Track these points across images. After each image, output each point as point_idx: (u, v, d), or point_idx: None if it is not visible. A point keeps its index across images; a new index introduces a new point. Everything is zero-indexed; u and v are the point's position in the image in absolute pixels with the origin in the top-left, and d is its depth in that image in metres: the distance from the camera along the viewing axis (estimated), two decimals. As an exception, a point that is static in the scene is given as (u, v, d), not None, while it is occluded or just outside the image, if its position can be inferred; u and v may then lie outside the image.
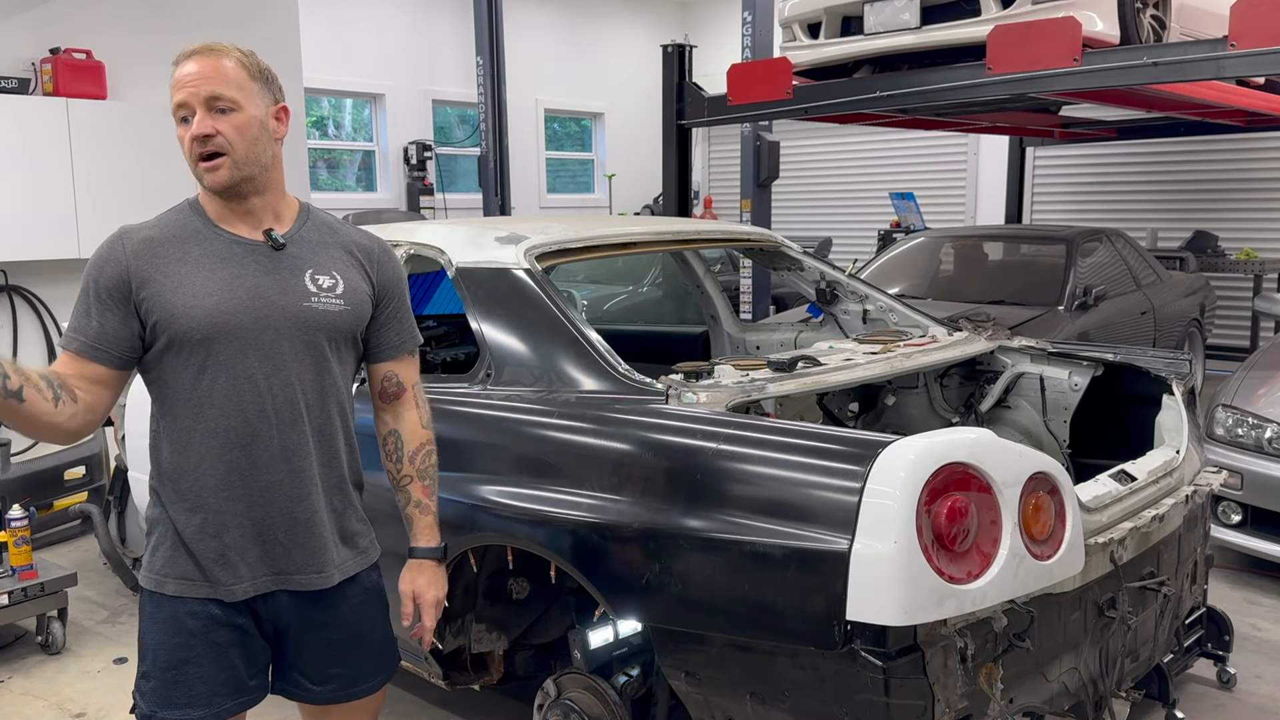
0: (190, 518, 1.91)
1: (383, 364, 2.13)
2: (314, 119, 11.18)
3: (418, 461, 2.16)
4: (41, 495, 4.96)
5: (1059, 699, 2.45)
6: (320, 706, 2.10)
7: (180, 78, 1.87)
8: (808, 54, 6.01)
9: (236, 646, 1.95)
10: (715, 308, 4.49)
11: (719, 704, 2.31)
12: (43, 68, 6.17)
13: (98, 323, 1.86)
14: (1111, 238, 7.21)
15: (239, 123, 1.87)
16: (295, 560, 1.96)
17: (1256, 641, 3.98)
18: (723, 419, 2.43)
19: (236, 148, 1.87)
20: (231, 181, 1.89)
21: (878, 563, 2.00)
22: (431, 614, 2.15)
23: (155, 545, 1.96)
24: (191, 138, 1.86)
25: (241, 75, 1.89)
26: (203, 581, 1.92)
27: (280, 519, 1.93)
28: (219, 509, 1.90)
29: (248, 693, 1.99)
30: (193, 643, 1.92)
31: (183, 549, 1.92)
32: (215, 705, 1.94)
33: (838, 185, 12.91)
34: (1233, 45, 4.44)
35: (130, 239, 1.89)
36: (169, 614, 1.93)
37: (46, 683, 3.87)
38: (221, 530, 1.91)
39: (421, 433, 2.17)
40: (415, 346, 2.18)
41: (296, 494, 1.94)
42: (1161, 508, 2.74)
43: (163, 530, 1.94)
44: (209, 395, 1.88)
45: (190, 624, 1.92)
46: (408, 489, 2.15)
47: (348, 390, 2.05)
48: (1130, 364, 3.46)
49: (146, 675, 1.95)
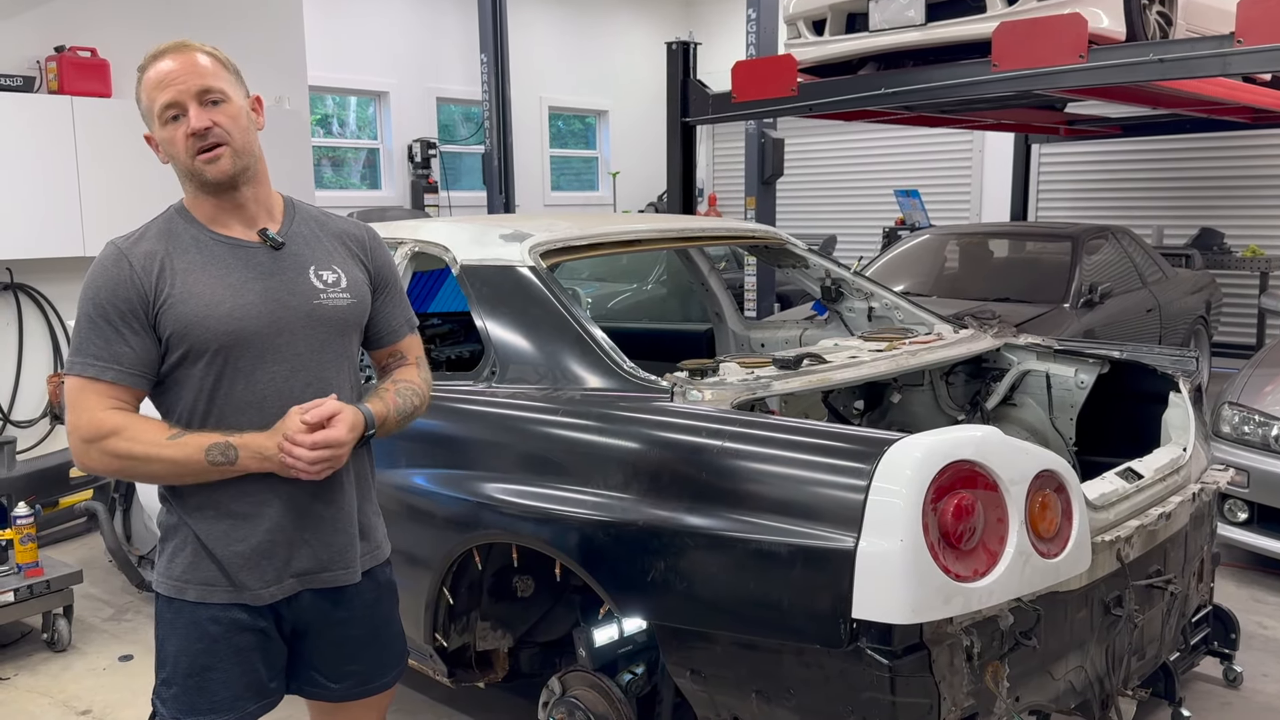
0: (214, 524, 1.90)
1: (384, 349, 2.15)
2: (318, 117, 11.18)
3: (397, 379, 2.09)
4: (47, 493, 4.98)
5: (1065, 697, 2.45)
6: (333, 704, 2.10)
7: (161, 77, 1.85)
8: (812, 51, 5.99)
9: (258, 650, 1.95)
10: (720, 305, 4.49)
11: (724, 702, 2.30)
12: (47, 66, 6.17)
13: (131, 348, 1.82)
14: (1117, 235, 7.19)
15: (232, 112, 1.88)
16: (322, 558, 1.96)
17: (1263, 640, 3.97)
18: (728, 417, 2.43)
19: (234, 136, 1.87)
20: (234, 170, 1.88)
21: (884, 561, 1.99)
22: (321, 419, 1.84)
23: (174, 552, 1.94)
24: (191, 133, 1.84)
25: (219, 68, 1.90)
26: (227, 586, 1.91)
27: (309, 519, 1.94)
28: (247, 514, 1.90)
29: (269, 695, 2.00)
30: (216, 648, 1.92)
31: (205, 555, 1.91)
32: (239, 709, 1.95)
33: (842, 182, 12.88)
34: (1239, 42, 4.42)
35: (133, 256, 1.85)
36: (189, 620, 1.92)
37: (52, 680, 3.88)
38: (250, 534, 1.90)
39: (416, 376, 2.12)
40: (414, 329, 2.18)
41: (324, 492, 1.94)
42: (1168, 506, 2.74)
43: (183, 537, 1.92)
44: (228, 401, 1.88)
45: (213, 629, 1.91)
46: (378, 387, 2.07)
47: (358, 381, 2.07)
48: (1136, 361, 3.45)
49: (167, 682, 1.95)
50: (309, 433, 1.81)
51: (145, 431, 1.81)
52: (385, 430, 2.00)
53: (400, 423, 2.04)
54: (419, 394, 2.09)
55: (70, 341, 1.87)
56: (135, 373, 1.84)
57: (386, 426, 2.00)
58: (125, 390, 1.83)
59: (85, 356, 1.82)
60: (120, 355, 1.82)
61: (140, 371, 1.84)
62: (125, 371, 1.82)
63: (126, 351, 1.82)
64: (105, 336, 1.82)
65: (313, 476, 1.85)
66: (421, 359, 2.19)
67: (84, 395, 1.81)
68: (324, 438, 1.82)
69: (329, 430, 1.83)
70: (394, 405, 2.01)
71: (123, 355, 1.82)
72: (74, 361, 1.84)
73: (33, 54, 6.17)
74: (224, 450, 1.81)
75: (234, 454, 1.81)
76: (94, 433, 1.80)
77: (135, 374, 1.84)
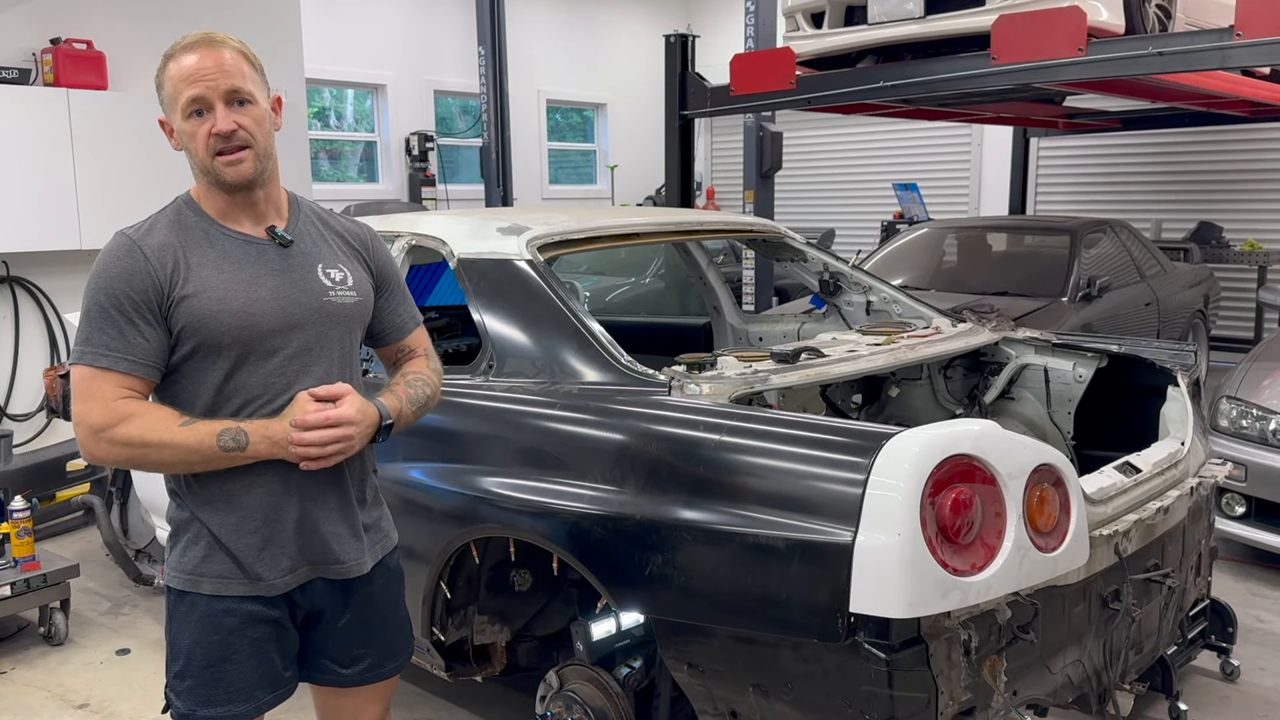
0: (226, 516, 1.91)
1: (392, 345, 2.17)
2: (315, 110, 11.15)
3: (406, 372, 2.12)
4: (44, 486, 4.97)
5: (1063, 691, 2.45)
6: (341, 690, 2.12)
7: (189, 71, 1.84)
8: (811, 44, 5.98)
9: (273, 640, 1.97)
10: (718, 299, 4.48)
11: (722, 696, 2.30)
12: (43, 58, 6.15)
13: (144, 339, 1.82)
14: (1116, 229, 7.18)
15: (257, 115, 1.88)
16: (333, 550, 1.98)
17: (1260, 634, 3.98)
18: (725, 410, 2.42)
19: (258, 140, 1.88)
20: (255, 174, 1.88)
21: (881, 555, 1.99)
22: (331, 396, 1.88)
23: (186, 546, 1.94)
24: (215, 133, 1.83)
25: (248, 68, 1.89)
26: (241, 579, 1.92)
27: (318, 511, 1.95)
28: (258, 505, 1.91)
29: (283, 684, 2.01)
30: (231, 640, 1.93)
31: (219, 548, 1.91)
32: (255, 700, 1.96)
33: (841, 176, 12.87)
34: (1239, 35, 4.41)
35: (147, 246, 1.85)
36: (204, 613, 1.93)
37: (49, 674, 3.88)
38: (262, 525, 1.91)
39: (425, 367, 2.15)
40: (419, 324, 2.21)
41: (332, 485, 1.96)
42: (1166, 500, 2.73)
43: (196, 531, 1.93)
44: (236, 395, 1.88)
45: (228, 622, 1.92)
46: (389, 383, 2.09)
47: (361, 379, 2.08)
48: (1135, 355, 3.45)
49: (181, 675, 1.95)
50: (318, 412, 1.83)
51: (157, 418, 1.81)
52: (403, 422, 2.02)
53: (416, 413, 2.06)
54: (429, 384, 2.11)
55: (78, 331, 1.86)
56: (148, 363, 1.84)
57: (403, 419, 2.01)
58: (137, 380, 1.83)
59: (97, 346, 1.81)
60: (133, 346, 1.82)
61: (152, 362, 1.84)
62: (138, 362, 1.82)
63: (140, 342, 1.82)
64: (118, 326, 1.81)
65: (324, 462, 1.86)
66: (430, 350, 2.21)
67: (95, 384, 1.81)
68: (335, 415, 1.84)
69: (338, 408, 1.85)
70: (406, 397, 2.03)
71: (136, 346, 1.82)
72: (84, 351, 1.82)
73: (29, 46, 6.15)
74: (235, 435, 1.82)
75: (245, 439, 1.82)
76: (106, 421, 1.79)
77: (148, 365, 1.84)
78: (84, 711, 3.59)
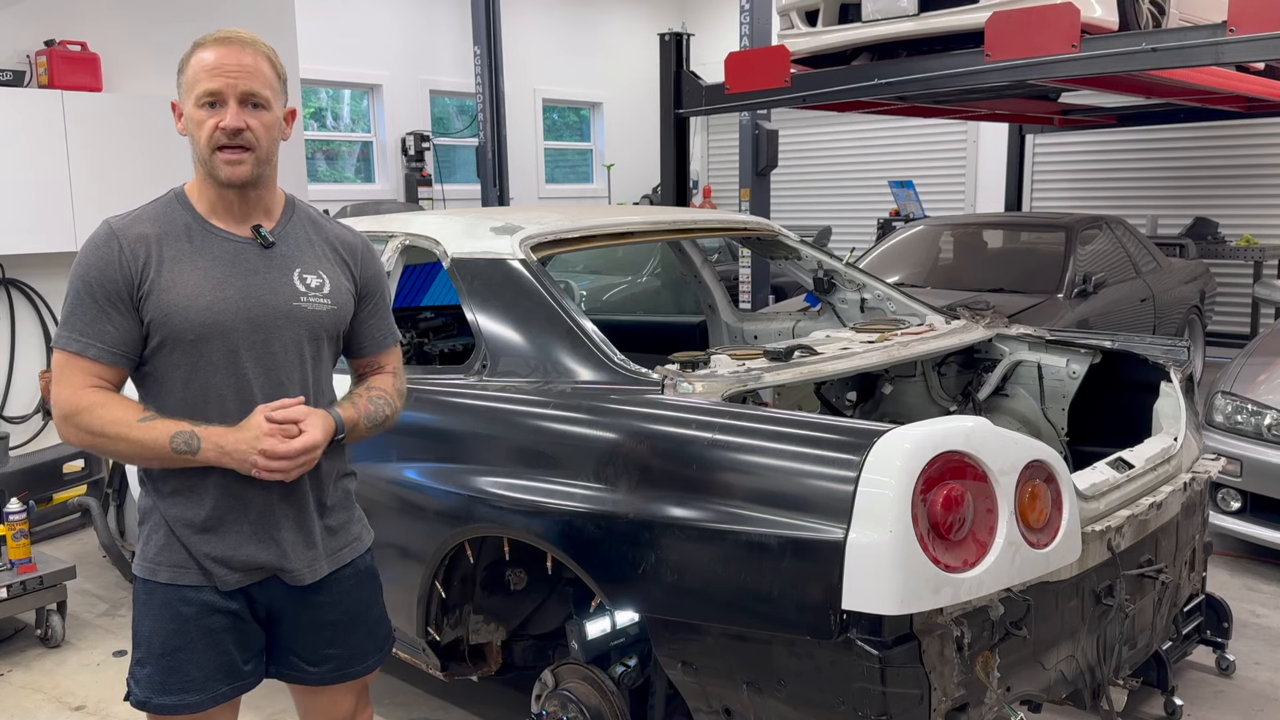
0: (183, 510, 1.93)
1: (364, 359, 2.16)
2: (311, 110, 11.14)
3: (371, 387, 2.11)
4: (40, 488, 4.96)
5: (1056, 687, 2.45)
6: (314, 687, 2.12)
7: (213, 64, 1.86)
8: (806, 42, 5.98)
9: (230, 632, 1.97)
10: (713, 297, 4.49)
11: (716, 693, 2.31)
12: (38, 60, 6.15)
13: (114, 328, 1.85)
14: (1111, 225, 7.19)
15: (268, 121, 1.90)
16: (287, 556, 1.97)
17: (1255, 628, 3.98)
18: (718, 409, 2.43)
19: (262, 145, 1.90)
20: (251, 177, 1.90)
21: (873, 552, 1.99)
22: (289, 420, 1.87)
23: (148, 534, 1.97)
24: (221, 127, 1.85)
25: (272, 76, 1.92)
26: (196, 570, 1.94)
27: (273, 515, 1.96)
28: (213, 504, 1.92)
29: (242, 677, 2.01)
30: (186, 629, 1.94)
31: (175, 540, 1.94)
32: (210, 690, 1.97)
33: (837, 174, 12.88)
34: (1232, 30, 4.41)
35: (125, 238, 1.87)
36: (162, 601, 1.95)
37: (46, 675, 3.88)
38: (217, 524, 1.93)
39: (390, 386, 2.13)
40: (395, 342, 2.20)
41: (289, 492, 1.96)
42: (1159, 495, 2.74)
43: (155, 520, 1.96)
44: (201, 394, 1.90)
45: (184, 610, 1.94)
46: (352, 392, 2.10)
47: (331, 385, 2.08)
48: (1128, 351, 3.45)
49: (141, 662, 1.97)
50: (281, 438, 1.83)
51: (117, 411, 1.84)
52: (355, 435, 2.03)
53: (370, 430, 2.07)
54: (390, 404, 2.11)
55: (61, 314, 1.91)
56: (117, 352, 1.86)
57: (357, 431, 2.03)
58: (106, 368, 1.86)
59: (72, 331, 1.86)
60: (103, 333, 1.85)
61: (122, 351, 1.87)
62: (106, 349, 1.85)
63: (109, 330, 1.85)
64: (91, 313, 1.85)
65: (285, 479, 1.88)
66: (399, 370, 2.20)
67: (67, 370, 1.86)
68: (303, 444, 1.85)
69: (307, 436, 1.86)
70: (365, 412, 2.04)
71: (105, 334, 1.85)
72: (61, 335, 1.88)
73: (23, 48, 6.15)
74: (188, 440, 1.83)
75: (196, 444, 1.84)
76: (71, 407, 1.84)
77: (117, 353, 1.87)
78: (81, 713, 3.59)
